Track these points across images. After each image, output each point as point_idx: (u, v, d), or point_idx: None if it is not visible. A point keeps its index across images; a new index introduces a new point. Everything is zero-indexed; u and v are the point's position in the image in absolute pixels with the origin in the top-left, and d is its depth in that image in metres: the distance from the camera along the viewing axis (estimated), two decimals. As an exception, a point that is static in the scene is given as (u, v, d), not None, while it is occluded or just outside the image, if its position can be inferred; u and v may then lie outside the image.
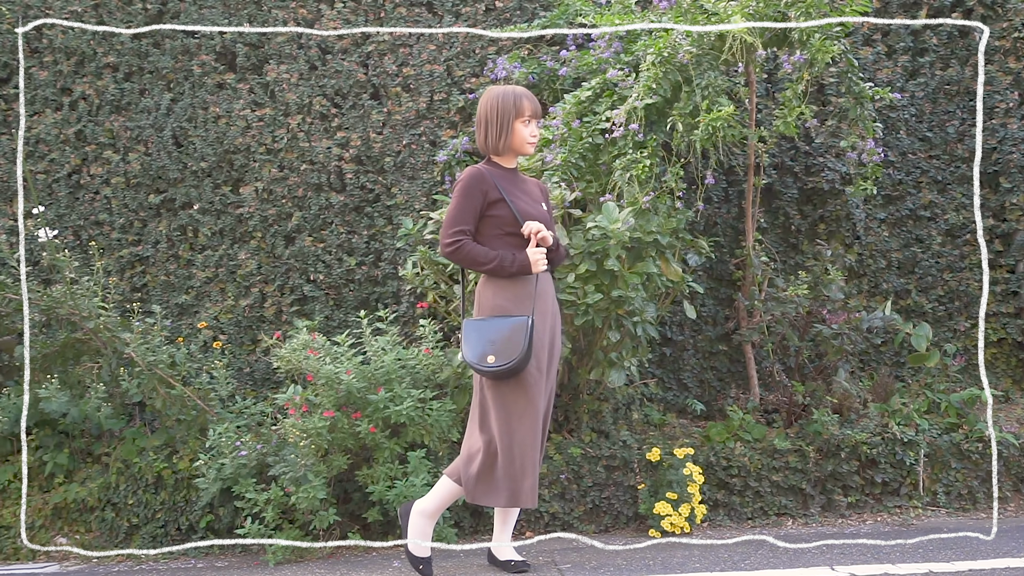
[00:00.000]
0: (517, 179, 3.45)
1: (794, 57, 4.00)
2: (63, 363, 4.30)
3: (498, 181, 3.35)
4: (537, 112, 3.39)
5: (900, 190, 5.01)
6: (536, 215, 3.36)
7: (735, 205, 4.90)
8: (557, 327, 3.42)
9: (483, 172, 3.35)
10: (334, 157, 4.91)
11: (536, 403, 3.25)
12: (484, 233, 3.33)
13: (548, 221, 3.41)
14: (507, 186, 3.37)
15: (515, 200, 3.34)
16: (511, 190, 3.37)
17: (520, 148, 3.40)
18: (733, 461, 4.16)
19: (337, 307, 4.88)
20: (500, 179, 3.38)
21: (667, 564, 3.44)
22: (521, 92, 3.40)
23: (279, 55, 5.00)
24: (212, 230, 4.98)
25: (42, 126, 5.10)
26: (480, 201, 3.31)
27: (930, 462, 4.24)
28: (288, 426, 3.78)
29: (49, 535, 4.15)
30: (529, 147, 3.41)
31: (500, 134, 3.36)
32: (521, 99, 3.37)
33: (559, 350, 3.45)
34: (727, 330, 4.86)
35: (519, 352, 3.17)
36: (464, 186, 3.32)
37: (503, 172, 3.41)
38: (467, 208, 3.30)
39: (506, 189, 3.35)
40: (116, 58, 5.09)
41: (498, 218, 3.32)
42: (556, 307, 3.43)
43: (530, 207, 3.37)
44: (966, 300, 5.00)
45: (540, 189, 3.53)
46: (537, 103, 3.41)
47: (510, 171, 3.44)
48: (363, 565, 3.68)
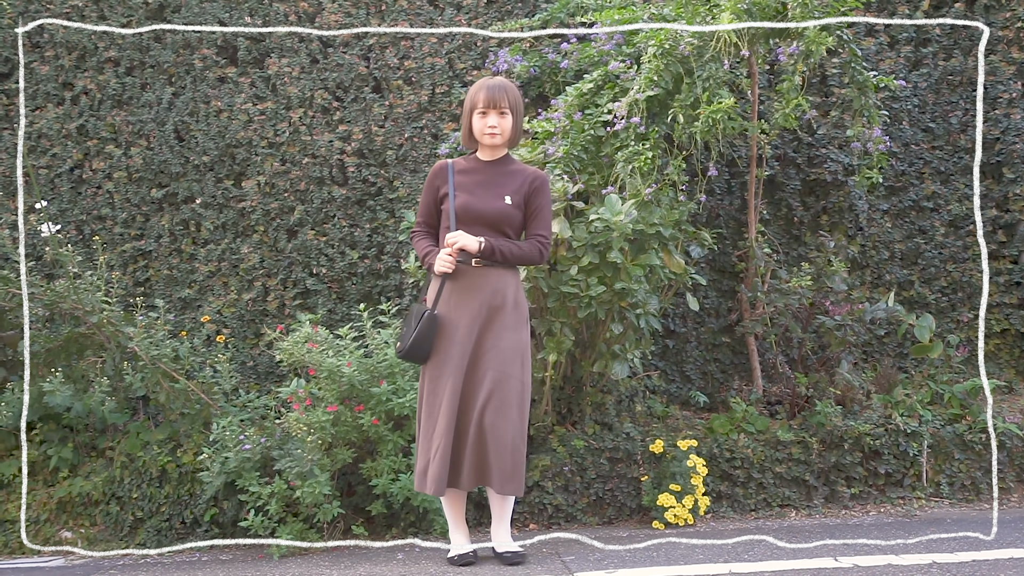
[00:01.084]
0: (490, 171, 3.48)
1: (790, 49, 3.99)
2: (67, 357, 4.31)
3: (458, 175, 3.47)
4: (493, 103, 3.40)
5: (903, 181, 5.00)
6: (482, 208, 3.40)
7: (738, 197, 4.90)
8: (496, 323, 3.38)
9: (442, 166, 3.51)
10: (336, 151, 4.91)
11: (438, 393, 3.37)
12: (440, 225, 3.52)
13: (504, 215, 3.40)
14: (466, 180, 3.46)
15: (463, 195, 3.42)
16: (467, 184, 3.45)
17: (480, 139, 3.47)
18: (736, 453, 4.16)
19: (340, 300, 4.88)
20: (463, 172, 3.48)
21: (670, 556, 3.44)
22: (483, 84, 3.44)
23: (280, 49, 4.99)
24: (214, 224, 4.98)
25: (44, 121, 5.10)
26: (433, 195, 3.52)
27: (933, 453, 4.24)
28: (292, 420, 3.79)
29: (54, 529, 4.16)
30: (487, 138, 3.44)
31: (465, 127, 3.51)
32: (479, 92, 3.43)
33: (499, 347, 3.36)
34: (730, 322, 4.86)
35: (406, 342, 3.39)
36: (426, 180, 3.55)
37: (474, 165, 3.50)
38: (424, 201, 3.56)
39: (461, 183, 3.46)
40: (117, 53, 5.09)
41: (445, 212, 3.47)
42: (500, 302, 3.39)
43: (480, 202, 3.41)
44: (969, 291, 4.99)
45: (523, 181, 3.47)
46: (499, 93, 3.40)
47: (485, 163, 3.50)
48: (367, 558, 3.68)
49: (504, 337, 3.38)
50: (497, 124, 3.42)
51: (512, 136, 3.50)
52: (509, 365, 3.35)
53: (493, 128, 3.42)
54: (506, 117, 3.43)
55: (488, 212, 3.40)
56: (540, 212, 3.47)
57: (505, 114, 3.43)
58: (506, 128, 3.44)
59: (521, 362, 3.40)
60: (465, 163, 3.53)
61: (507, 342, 3.38)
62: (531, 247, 3.45)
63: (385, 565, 3.55)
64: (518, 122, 3.49)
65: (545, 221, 3.48)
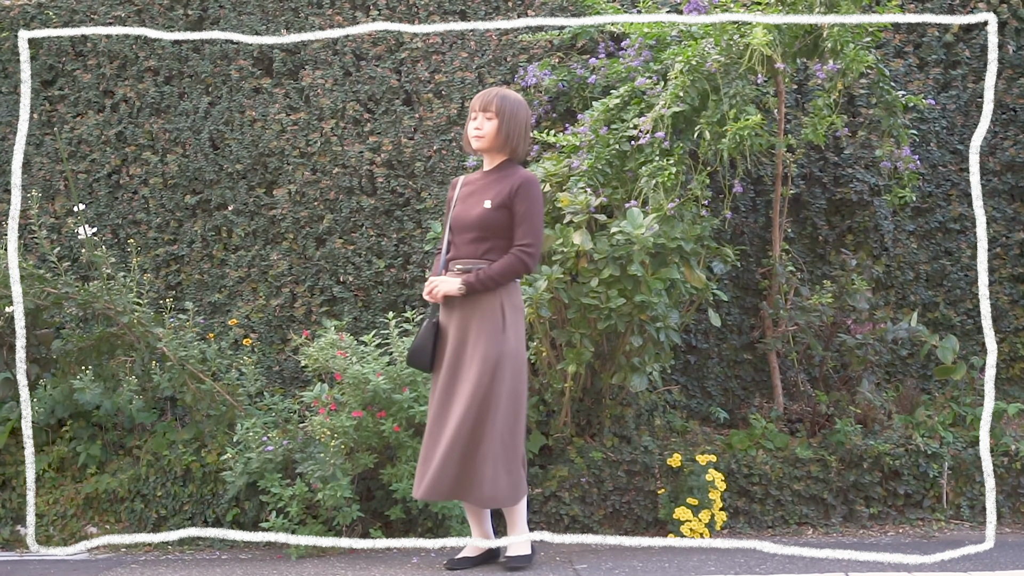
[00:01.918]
0: (485, 179, 3.53)
1: (827, 67, 4.02)
2: (98, 356, 4.41)
3: (463, 188, 3.55)
4: (481, 105, 3.45)
5: (930, 202, 4.99)
6: (465, 217, 3.46)
7: (762, 215, 4.92)
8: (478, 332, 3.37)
9: (454, 182, 3.63)
10: (366, 161, 5.00)
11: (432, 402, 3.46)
12: None
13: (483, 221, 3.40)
14: (465, 191, 3.53)
15: (458, 206, 3.51)
16: (464, 195, 3.53)
17: (467, 144, 3.54)
18: (754, 469, 4.16)
19: (366, 308, 4.96)
20: (468, 184, 3.56)
21: (682, 567, 3.46)
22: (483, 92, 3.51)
23: (314, 61, 5.10)
24: (245, 231, 5.08)
25: (84, 127, 5.25)
26: (448, 206, 3.58)
27: (954, 475, 4.22)
28: (317, 424, 3.85)
29: (80, 524, 4.25)
30: (473, 141, 3.49)
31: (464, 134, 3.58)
32: (474, 100, 3.50)
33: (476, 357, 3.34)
34: (752, 339, 4.86)
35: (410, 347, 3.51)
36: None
37: (477, 176, 3.57)
38: (446, 218, 3.59)
39: (462, 196, 3.53)
40: (157, 62, 5.23)
41: None
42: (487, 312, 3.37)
43: (465, 210, 3.48)
44: (995, 314, 4.96)
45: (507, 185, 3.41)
46: (489, 97, 3.45)
47: (485, 173, 3.56)
48: (383, 561, 3.73)
49: (481, 346, 3.34)
50: (481, 126, 3.44)
51: (499, 142, 3.44)
52: (484, 375, 3.31)
53: (478, 130, 3.45)
54: (492, 120, 3.43)
55: (469, 220, 3.43)
56: (525, 218, 3.38)
57: (491, 118, 3.43)
58: (489, 131, 3.42)
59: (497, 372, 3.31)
60: (474, 176, 3.61)
61: (484, 351, 3.33)
62: (510, 262, 3.37)
63: (400, 568, 3.59)
64: (510, 129, 3.43)
65: (530, 228, 3.38)
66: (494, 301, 3.38)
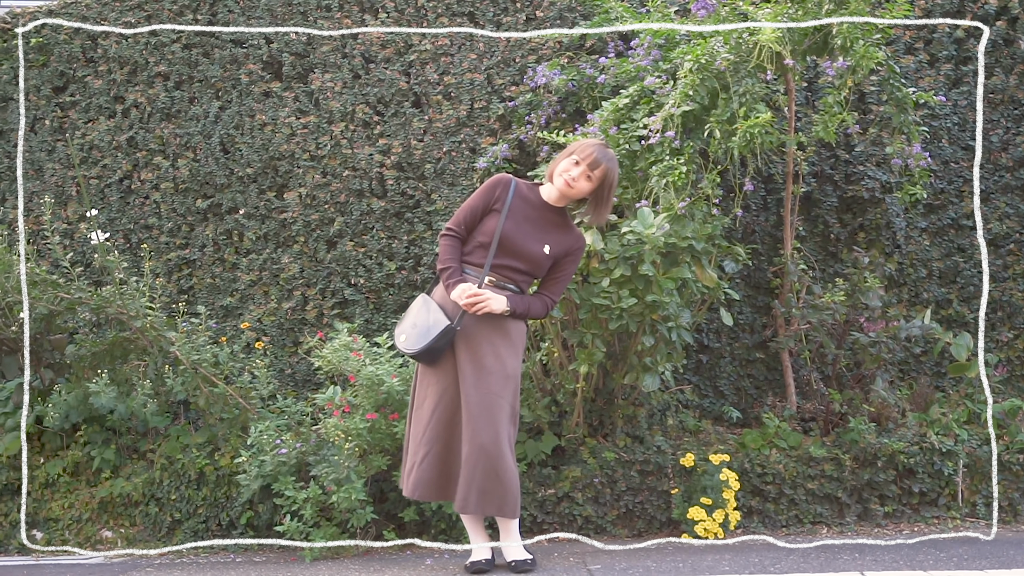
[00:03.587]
0: (545, 213, 3.51)
1: (837, 64, 4.00)
2: (111, 361, 4.43)
3: (515, 197, 3.49)
4: (592, 163, 3.42)
5: (942, 199, 4.97)
6: (522, 247, 3.43)
7: (774, 213, 4.90)
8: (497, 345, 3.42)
9: (506, 181, 3.52)
10: (376, 164, 5.00)
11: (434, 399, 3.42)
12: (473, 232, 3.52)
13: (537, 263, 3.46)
14: (519, 208, 3.48)
15: (511, 222, 3.44)
16: (518, 214, 3.47)
17: (553, 179, 3.49)
18: (768, 468, 4.15)
19: (377, 311, 4.96)
20: (521, 199, 3.50)
21: (696, 567, 3.45)
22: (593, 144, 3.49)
23: (324, 64, 5.11)
24: (257, 234, 5.10)
25: (96, 133, 5.28)
26: (486, 202, 3.50)
27: (969, 473, 4.20)
28: (331, 426, 3.86)
29: (95, 528, 4.27)
30: (561, 182, 3.45)
31: (554, 162, 3.52)
32: (589, 147, 3.46)
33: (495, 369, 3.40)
34: (764, 338, 4.85)
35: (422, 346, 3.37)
36: (484, 184, 3.54)
37: (534, 198, 3.54)
38: (472, 206, 3.51)
39: (515, 208, 3.46)
40: (167, 67, 5.25)
41: (483, 224, 3.48)
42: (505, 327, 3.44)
43: (523, 239, 3.44)
44: (1009, 311, 4.94)
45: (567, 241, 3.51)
46: (602, 160, 3.43)
47: (544, 203, 3.53)
48: (397, 563, 3.73)
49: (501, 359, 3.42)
50: (578, 180, 3.44)
51: (582, 200, 3.54)
52: (502, 387, 3.39)
53: (574, 180, 3.44)
54: (590, 182, 3.46)
55: (525, 252, 3.45)
56: (565, 277, 3.55)
57: (591, 179, 3.46)
58: (582, 190, 3.46)
59: (516, 389, 3.45)
60: (527, 191, 3.55)
61: (502, 364, 3.41)
62: (541, 306, 3.52)
63: (414, 569, 3.59)
64: (599, 197, 3.49)
65: (562, 286, 3.55)
66: (516, 324, 3.50)
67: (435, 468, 3.43)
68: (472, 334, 3.42)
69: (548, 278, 3.56)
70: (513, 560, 3.47)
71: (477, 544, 3.53)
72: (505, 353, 3.43)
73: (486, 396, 3.36)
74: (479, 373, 3.39)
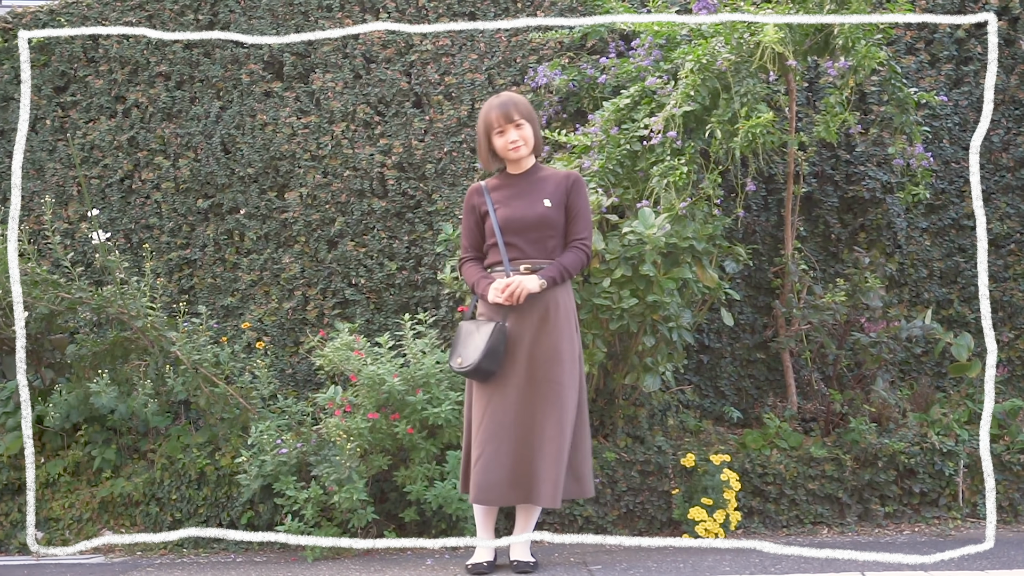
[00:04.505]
0: (523, 182, 3.53)
1: (838, 64, 4.00)
2: (112, 361, 4.43)
3: (493, 193, 3.53)
4: (507, 118, 3.44)
5: (943, 199, 4.97)
6: (524, 216, 3.44)
7: (774, 213, 4.90)
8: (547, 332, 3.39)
9: (477, 188, 3.58)
10: (377, 164, 5.00)
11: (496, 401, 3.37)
12: (485, 242, 3.55)
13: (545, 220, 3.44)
14: (502, 195, 3.52)
15: (502, 209, 3.47)
16: (503, 199, 3.50)
17: (505, 156, 3.52)
18: (769, 468, 4.15)
19: (378, 311, 4.97)
20: (497, 189, 3.54)
21: (697, 567, 3.45)
22: (492, 104, 3.49)
23: (325, 64, 5.11)
24: (257, 234, 5.10)
25: (96, 133, 5.28)
26: (475, 216, 3.56)
27: (970, 473, 4.20)
28: (332, 426, 3.86)
29: (96, 528, 4.27)
30: (512, 153, 3.48)
31: (483, 149, 3.54)
32: (490, 112, 3.48)
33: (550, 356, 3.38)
34: (765, 338, 4.85)
35: (472, 357, 3.34)
36: (464, 206, 3.60)
37: (507, 181, 3.56)
38: (466, 226, 3.59)
39: (498, 200, 3.51)
40: (168, 67, 5.25)
41: (488, 228, 3.50)
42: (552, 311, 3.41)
43: (521, 211, 3.45)
44: (1010, 311, 4.94)
45: (559, 183, 3.50)
46: (510, 107, 3.45)
47: (517, 176, 3.55)
48: (398, 563, 3.73)
49: (553, 345, 3.39)
50: (518, 137, 3.46)
51: (535, 144, 3.53)
52: (558, 373, 3.37)
53: (515, 142, 3.46)
54: (523, 127, 3.47)
55: (530, 218, 3.44)
56: (579, 213, 3.49)
57: (521, 125, 3.47)
58: (527, 137, 3.48)
59: (570, 368, 3.40)
60: (497, 181, 3.59)
61: (557, 350, 3.39)
62: (575, 257, 3.46)
63: (415, 569, 3.59)
64: (536, 130, 3.52)
65: (585, 221, 3.50)
66: (558, 299, 3.45)
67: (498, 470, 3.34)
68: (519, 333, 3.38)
69: (568, 225, 3.50)
70: (515, 560, 3.46)
71: (482, 542, 3.52)
72: (554, 339, 3.39)
73: (543, 385, 3.36)
74: (532, 369, 3.37)
